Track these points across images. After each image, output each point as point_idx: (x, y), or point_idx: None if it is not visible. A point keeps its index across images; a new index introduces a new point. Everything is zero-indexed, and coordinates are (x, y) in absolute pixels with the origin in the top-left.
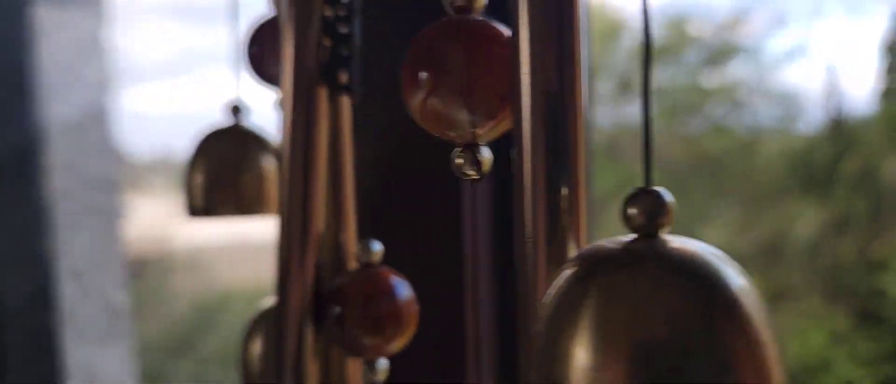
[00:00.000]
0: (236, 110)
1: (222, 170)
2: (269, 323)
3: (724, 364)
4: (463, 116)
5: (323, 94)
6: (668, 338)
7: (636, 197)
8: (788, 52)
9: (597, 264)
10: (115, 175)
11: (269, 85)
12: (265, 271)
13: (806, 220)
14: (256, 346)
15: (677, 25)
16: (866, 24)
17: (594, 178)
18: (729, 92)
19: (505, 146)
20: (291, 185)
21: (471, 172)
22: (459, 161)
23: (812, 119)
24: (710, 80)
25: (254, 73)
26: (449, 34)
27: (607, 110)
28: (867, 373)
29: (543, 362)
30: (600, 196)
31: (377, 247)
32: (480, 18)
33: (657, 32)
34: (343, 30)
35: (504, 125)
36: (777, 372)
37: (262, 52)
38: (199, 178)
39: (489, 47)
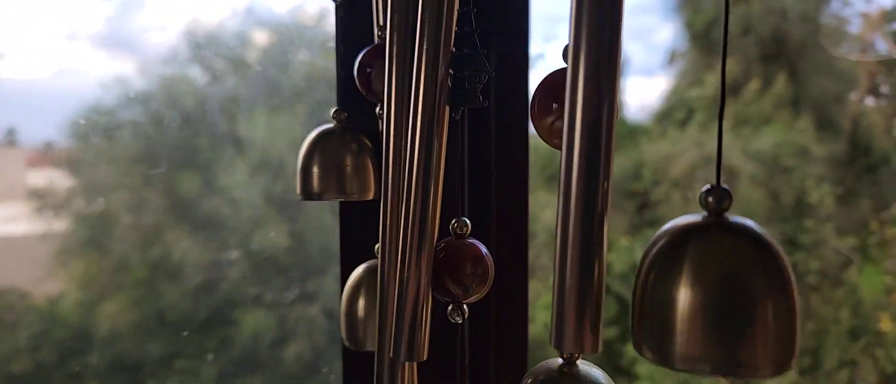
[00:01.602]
0: (340, 114)
1: (332, 163)
2: (371, 281)
3: (769, 285)
4: None
5: (446, 113)
6: (735, 272)
7: (712, 190)
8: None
9: (691, 231)
10: None
11: (373, 98)
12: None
13: (550, 208)
14: (361, 301)
15: None
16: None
17: None
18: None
19: None
20: (419, 179)
21: None
22: None
23: None
24: None
25: (362, 89)
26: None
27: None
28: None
29: (656, 291)
30: None
31: (468, 222)
32: None
33: None
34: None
35: None
36: (795, 294)
37: (371, 73)
38: (314, 169)
39: None
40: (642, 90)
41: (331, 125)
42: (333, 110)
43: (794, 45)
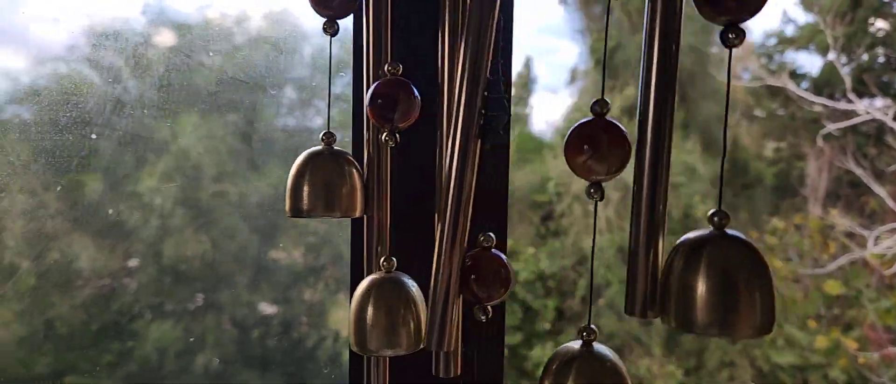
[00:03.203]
0: (330, 137)
1: (323, 182)
2: (379, 292)
3: (755, 277)
4: (603, 170)
5: (478, 144)
6: (736, 270)
7: (716, 213)
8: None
9: (704, 241)
10: None
11: (385, 128)
12: None
13: None
14: (369, 309)
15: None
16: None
17: (282, 179)
18: None
19: None
20: (456, 200)
21: (596, 197)
22: (592, 191)
23: None
24: None
25: (373, 117)
26: (601, 128)
27: (291, 118)
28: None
29: (683, 282)
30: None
31: (493, 237)
32: (610, 119)
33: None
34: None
35: (617, 174)
36: (773, 282)
37: (383, 104)
38: (305, 188)
39: (620, 136)
40: (548, 107)
41: (320, 147)
42: (322, 133)
43: (684, 73)
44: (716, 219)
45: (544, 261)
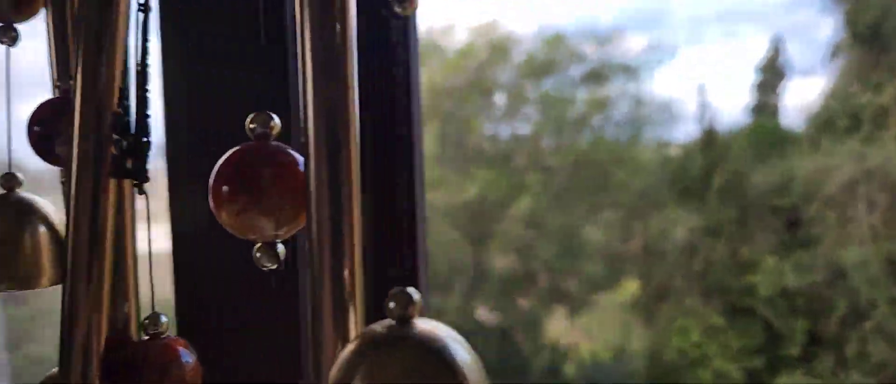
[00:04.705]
0: (10, 180)
1: None
2: None
3: None
4: (271, 225)
5: (111, 184)
6: None
7: (395, 295)
8: (665, 69)
9: (370, 343)
10: None
11: (51, 163)
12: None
13: (683, 225)
14: None
15: (558, 42)
16: (739, 46)
17: (490, 185)
18: (608, 104)
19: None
20: (77, 265)
21: (269, 265)
22: (259, 255)
23: (686, 132)
24: (592, 93)
25: (36, 152)
26: (259, 160)
27: (502, 124)
28: (737, 366)
29: None
30: (496, 200)
31: (164, 318)
32: (278, 144)
33: (540, 48)
34: (132, 124)
35: (297, 228)
36: None
37: (45, 132)
38: None
39: (290, 170)
40: (796, 92)
41: None
42: (3, 174)
43: None
44: (393, 305)
45: (790, 274)
